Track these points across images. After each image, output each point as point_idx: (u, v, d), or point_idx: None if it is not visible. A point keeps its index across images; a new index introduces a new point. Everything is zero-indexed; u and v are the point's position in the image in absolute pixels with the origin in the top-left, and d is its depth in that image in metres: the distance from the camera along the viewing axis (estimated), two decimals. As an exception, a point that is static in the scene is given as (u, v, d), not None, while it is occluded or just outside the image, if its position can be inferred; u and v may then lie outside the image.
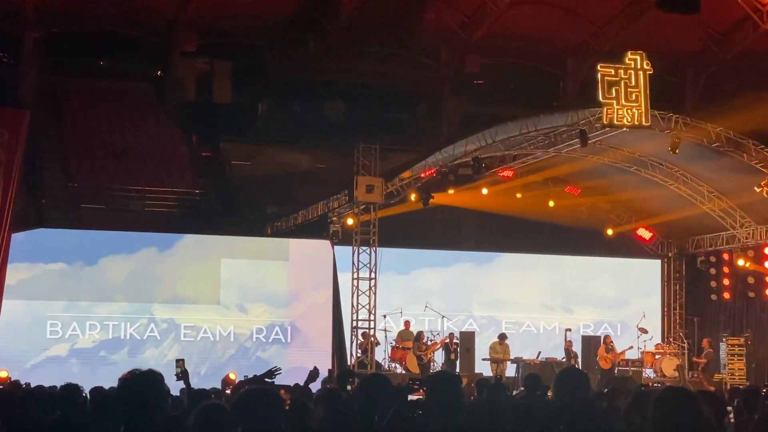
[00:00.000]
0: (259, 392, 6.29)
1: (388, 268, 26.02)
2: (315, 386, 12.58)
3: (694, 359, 27.64)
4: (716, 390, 20.31)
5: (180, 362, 20.75)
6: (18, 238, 24.34)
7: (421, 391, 7.89)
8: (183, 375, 11.26)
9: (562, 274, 29.84)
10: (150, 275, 25.56)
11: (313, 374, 12.39)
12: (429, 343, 26.10)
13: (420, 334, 26.21)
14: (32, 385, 14.74)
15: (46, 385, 13.75)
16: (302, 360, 24.52)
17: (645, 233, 29.31)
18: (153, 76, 33.57)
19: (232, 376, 21.20)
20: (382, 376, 8.13)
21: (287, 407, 8.10)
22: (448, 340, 26.31)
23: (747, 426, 5.78)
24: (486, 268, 29.60)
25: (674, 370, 27.32)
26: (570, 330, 27.66)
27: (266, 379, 10.17)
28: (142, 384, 5.98)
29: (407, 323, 26.69)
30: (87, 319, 25.07)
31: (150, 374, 6.06)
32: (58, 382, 9.82)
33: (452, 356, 26.29)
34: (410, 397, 8.28)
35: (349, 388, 11.37)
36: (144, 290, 25.46)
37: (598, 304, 30.04)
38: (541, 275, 29.69)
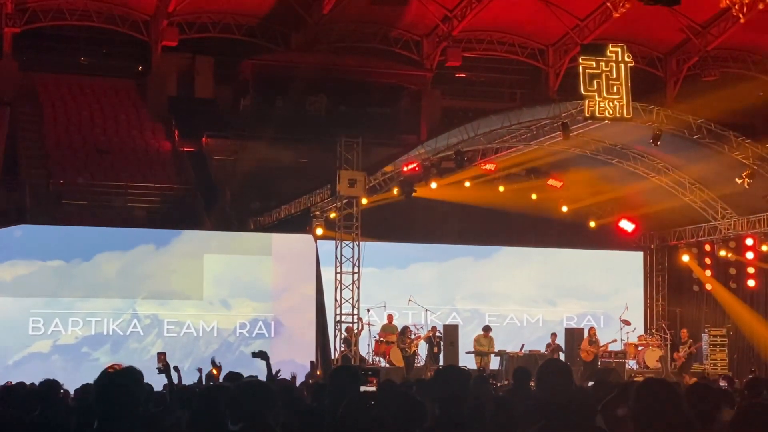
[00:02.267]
0: (252, 385, 6.29)
1: (372, 262, 26.00)
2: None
3: (675, 354, 27.64)
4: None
5: (161, 356, 20.69)
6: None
7: (374, 382, 7.94)
8: (165, 369, 11.22)
9: (545, 266, 29.89)
10: (133, 271, 25.48)
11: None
12: (413, 337, 26.12)
13: (406, 328, 26.22)
14: (14, 382, 14.68)
15: (29, 381, 13.69)
16: (286, 355, 24.50)
17: (627, 225, 29.35)
18: (134, 72, 33.48)
19: (215, 372, 21.14)
20: (351, 368, 8.16)
21: None
22: (431, 334, 26.33)
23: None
24: (469, 262, 29.62)
25: (657, 361, 27.42)
26: (556, 335, 27.67)
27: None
28: (117, 381, 5.95)
29: (390, 317, 26.70)
30: (69, 315, 24.99)
31: (127, 371, 6.03)
32: (41, 379, 9.78)
33: (435, 350, 26.31)
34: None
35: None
36: (127, 286, 25.38)
37: (581, 297, 30.10)
38: (524, 268, 29.74)
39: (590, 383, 20.85)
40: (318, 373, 23.68)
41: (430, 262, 29.32)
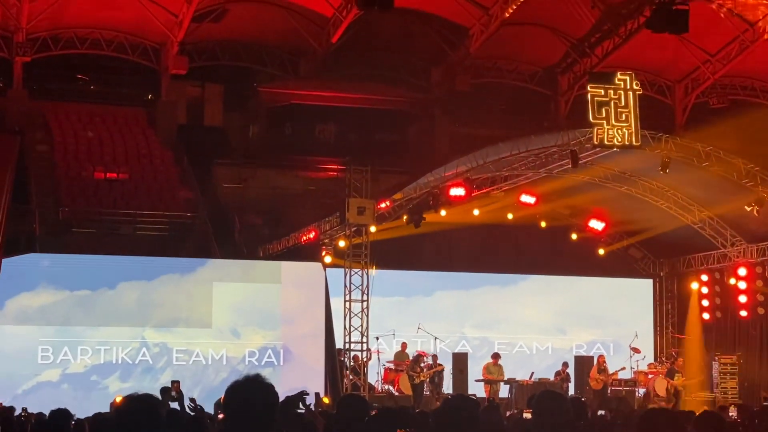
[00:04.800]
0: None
1: (381, 290, 25.98)
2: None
3: (669, 383, 27.38)
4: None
5: (175, 384, 20.68)
6: (9, 264, 24.29)
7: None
8: (178, 397, 11.28)
9: (554, 294, 29.82)
10: (142, 299, 25.48)
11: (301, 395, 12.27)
12: (423, 365, 26.06)
13: (419, 356, 26.18)
14: (25, 411, 14.72)
15: (39, 410, 13.70)
16: (295, 383, 24.42)
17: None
18: (144, 100, 33.60)
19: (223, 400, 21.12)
20: (358, 397, 8.18)
21: None
22: (439, 369, 26.27)
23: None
24: (479, 289, 29.56)
25: (666, 390, 27.29)
26: (567, 364, 27.62)
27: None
28: (139, 408, 5.95)
29: (404, 345, 26.67)
30: (78, 344, 24.99)
31: (147, 398, 6.04)
32: (50, 408, 9.76)
33: (436, 379, 26.35)
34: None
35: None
36: (136, 314, 25.38)
37: (590, 324, 30.00)
38: (534, 296, 29.66)
39: (600, 413, 20.81)
40: (326, 400, 23.61)
41: (439, 290, 29.27)
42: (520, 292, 29.65)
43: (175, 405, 18.65)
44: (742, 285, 28.11)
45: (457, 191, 24.92)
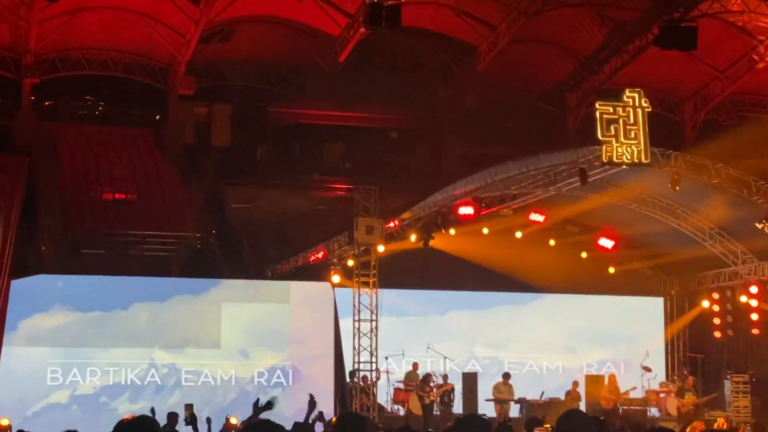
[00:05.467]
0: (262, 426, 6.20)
1: (390, 309, 25.89)
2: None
3: (680, 401, 27.17)
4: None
5: (188, 407, 20.59)
6: (23, 284, 24.27)
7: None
8: (191, 420, 11.22)
9: (564, 313, 29.69)
10: (151, 320, 25.43)
11: (312, 404, 12.21)
12: (432, 385, 25.94)
13: (428, 375, 26.08)
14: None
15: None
16: (304, 403, 24.30)
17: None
18: (152, 120, 33.61)
19: (233, 421, 21.00)
20: (357, 416, 8.08)
21: None
22: (448, 389, 26.15)
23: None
24: (488, 308, 29.46)
25: (677, 409, 27.11)
26: (578, 383, 27.50)
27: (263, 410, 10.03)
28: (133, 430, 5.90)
29: (415, 365, 26.57)
30: (87, 365, 24.92)
31: (143, 420, 5.98)
32: (59, 430, 9.69)
33: (446, 399, 26.23)
34: None
35: None
36: (145, 335, 25.32)
37: (601, 343, 29.85)
38: (544, 314, 29.55)
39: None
40: (333, 421, 23.45)
41: (449, 309, 29.17)
42: (530, 312, 29.55)
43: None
44: (754, 303, 27.95)
45: (466, 210, 24.83)
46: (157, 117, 33.58)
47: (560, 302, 29.76)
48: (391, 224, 25.15)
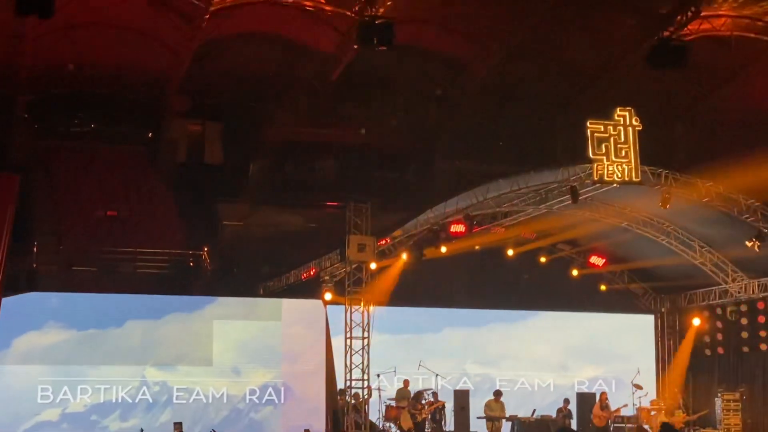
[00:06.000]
0: None
1: (382, 327, 25.93)
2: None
3: (670, 419, 27.23)
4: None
5: (178, 426, 20.60)
6: (10, 303, 24.26)
7: None
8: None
9: (555, 330, 29.78)
10: (142, 337, 25.44)
11: None
12: (424, 402, 25.96)
13: (419, 393, 26.10)
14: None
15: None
16: (297, 421, 24.37)
17: (637, 288, 29.20)
18: (145, 138, 33.62)
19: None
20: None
21: None
22: (438, 406, 26.17)
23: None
24: (480, 326, 29.52)
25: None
26: (569, 401, 27.55)
27: None
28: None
29: (406, 382, 26.61)
30: (78, 383, 24.91)
31: None
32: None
33: (437, 416, 26.24)
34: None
35: None
36: (136, 353, 25.32)
37: (592, 361, 29.94)
38: (535, 332, 29.64)
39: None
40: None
41: (441, 326, 29.22)
42: (522, 329, 29.64)
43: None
44: (744, 321, 28.04)
45: (458, 228, 24.91)
46: (150, 134, 33.61)
47: (553, 319, 29.84)
48: (382, 242, 25.21)
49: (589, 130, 22.94)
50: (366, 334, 24.78)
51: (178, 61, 30.78)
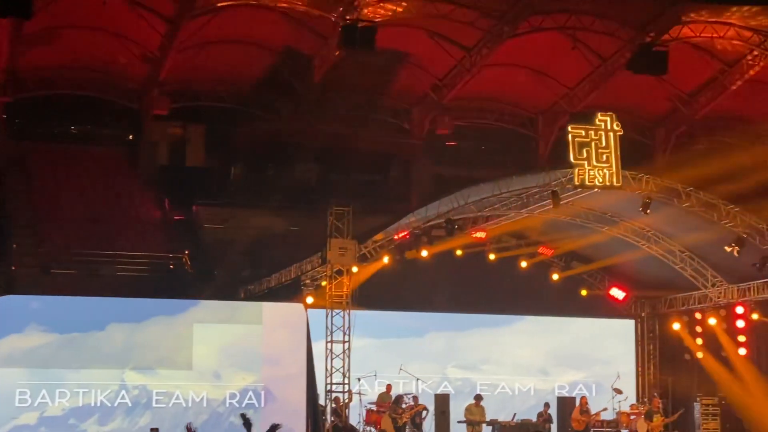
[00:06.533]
0: None
1: (363, 331, 25.88)
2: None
3: (649, 425, 27.26)
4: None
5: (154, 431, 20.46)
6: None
7: None
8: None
9: (536, 335, 29.79)
10: (121, 341, 25.29)
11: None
12: (405, 407, 25.94)
13: (399, 397, 26.07)
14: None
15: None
16: (276, 425, 24.26)
17: (618, 293, 29.40)
18: (125, 141, 33.52)
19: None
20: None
21: None
22: (418, 410, 26.15)
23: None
24: (461, 330, 29.52)
25: (646, 431, 27.21)
26: (549, 405, 27.59)
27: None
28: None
29: (389, 387, 26.59)
30: (57, 387, 24.75)
31: None
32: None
33: (417, 420, 26.22)
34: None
35: None
36: (115, 356, 25.17)
37: (573, 365, 29.97)
38: (516, 336, 29.65)
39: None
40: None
41: (423, 330, 29.21)
42: (503, 334, 29.63)
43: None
44: (723, 326, 28.14)
45: (440, 232, 25.01)
46: (131, 137, 33.51)
47: (534, 324, 29.85)
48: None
49: (570, 135, 22.97)
50: (347, 338, 24.73)
51: (160, 64, 30.73)
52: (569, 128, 23.22)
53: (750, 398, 28.15)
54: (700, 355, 29.38)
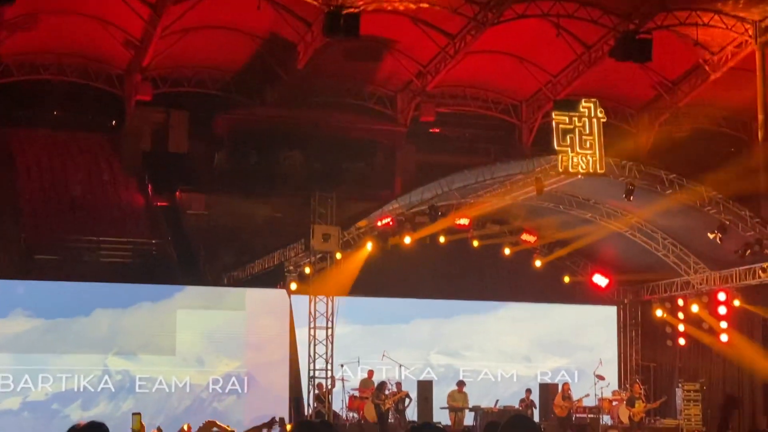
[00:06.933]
0: None
1: (345, 317, 25.90)
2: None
3: (631, 411, 27.31)
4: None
5: (136, 417, 20.48)
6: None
7: None
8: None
9: (519, 321, 29.85)
10: (105, 326, 25.25)
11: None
12: (388, 393, 25.97)
13: (383, 383, 26.09)
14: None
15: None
16: (260, 411, 24.29)
17: (601, 280, 29.46)
18: (108, 126, 33.43)
19: (186, 428, 20.96)
20: (311, 424, 8.11)
21: None
22: (402, 396, 26.17)
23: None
24: (443, 317, 29.55)
25: (629, 418, 27.32)
26: (530, 391, 27.64)
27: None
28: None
29: (370, 372, 26.60)
30: (40, 372, 24.70)
31: (93, 426, 5.97)
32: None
33: (400, 406, 26.24)
34: None
35: None
36: (98, 341, 25.13)
37: (555, 352, 30.05)
38: (499, 323, 29.69)
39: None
40: (289, 427, 23.46)
41: (404, 317, 29.22)
42: (484, 320, 29.67)
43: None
44: (705, 312, 28.26)
45: (423, 219, 25.02)
46: (114, 123, 33.42)
47: (517, 311, 29.91)
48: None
49: (554, 122, 22.99)
50: (330, 325, 24.75)
51: (143, 50, 30.62)
52: (553, 115, 23.25)
53: (734, 382, 28.39)
54: (681, 341, 29.50)
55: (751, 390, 28.48)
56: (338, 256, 24.74)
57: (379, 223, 25.05)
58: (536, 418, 27.14)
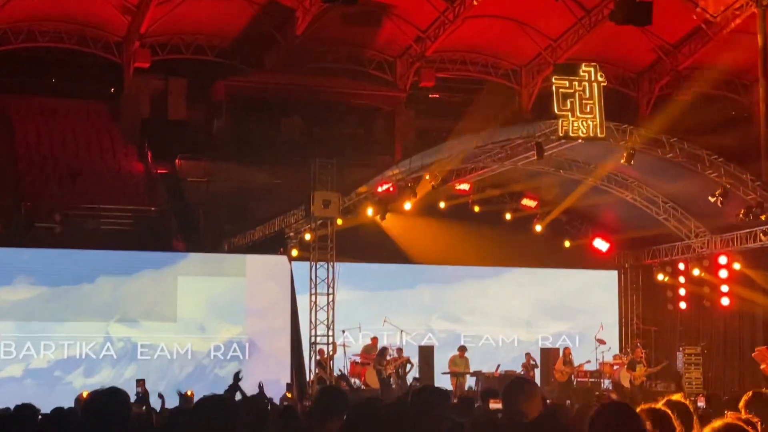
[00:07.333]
0: (215, 399, 6.25)
1: (347, 283, 25.93)
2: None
3: (632, 374, 27.34)
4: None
5: (141, 382, 20.52)
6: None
7: None
8: (144, 396, 11.26)
9: (520, 286, 29.87)
10: (106, 293, 25.27)
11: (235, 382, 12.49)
12: (389, 358, 26.05)
13: (384, 349, 26.15)
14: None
15: (2, 405, 13.54)
16: (261, 377, 24.31)
17: (602, 245, 29.45)
18: (107, 94, 33.31)
19: (189, 394, 20.97)
20: (336, 388, 8.12)
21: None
22: (403, 361, 26.23)
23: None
24: (444, 282, 29.57)
25: (630, 382, 27.38)
26: (530, 355, 27.66)
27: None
28: (107, 402, 5.90)
29: (374, 339, 26.64)
30: (42, 339, 24.75)
31: (114, 392, 6.00)
32: (13, 403, 9.64)
33: (400, 372, 26.31)
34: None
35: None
36: (100, 309, 25.17)
37: (556, 317, 30.09)
38: (500, 288, 29.72)
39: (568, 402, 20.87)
40: (289, 395, 23.52)
41: (405, 282, 29.25)
42: (485, 285, 29.68)
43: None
44: (706, 276, 28.28)
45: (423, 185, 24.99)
46: (112, 90, 33.30)
47: (516, 276, 29.93)
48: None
49: (554, 86, 22.87)
50: (331, 291, 24.77)
51: (141, 16, 30.48)
52: (553, 79, 23.11)
53: (734, 346, 28.43)
54: (683, 305, 29.53)
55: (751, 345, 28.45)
56: (339, 222, 24.72)
57: (379, 189, 25.00)
58: (538, 379, 27.20)
